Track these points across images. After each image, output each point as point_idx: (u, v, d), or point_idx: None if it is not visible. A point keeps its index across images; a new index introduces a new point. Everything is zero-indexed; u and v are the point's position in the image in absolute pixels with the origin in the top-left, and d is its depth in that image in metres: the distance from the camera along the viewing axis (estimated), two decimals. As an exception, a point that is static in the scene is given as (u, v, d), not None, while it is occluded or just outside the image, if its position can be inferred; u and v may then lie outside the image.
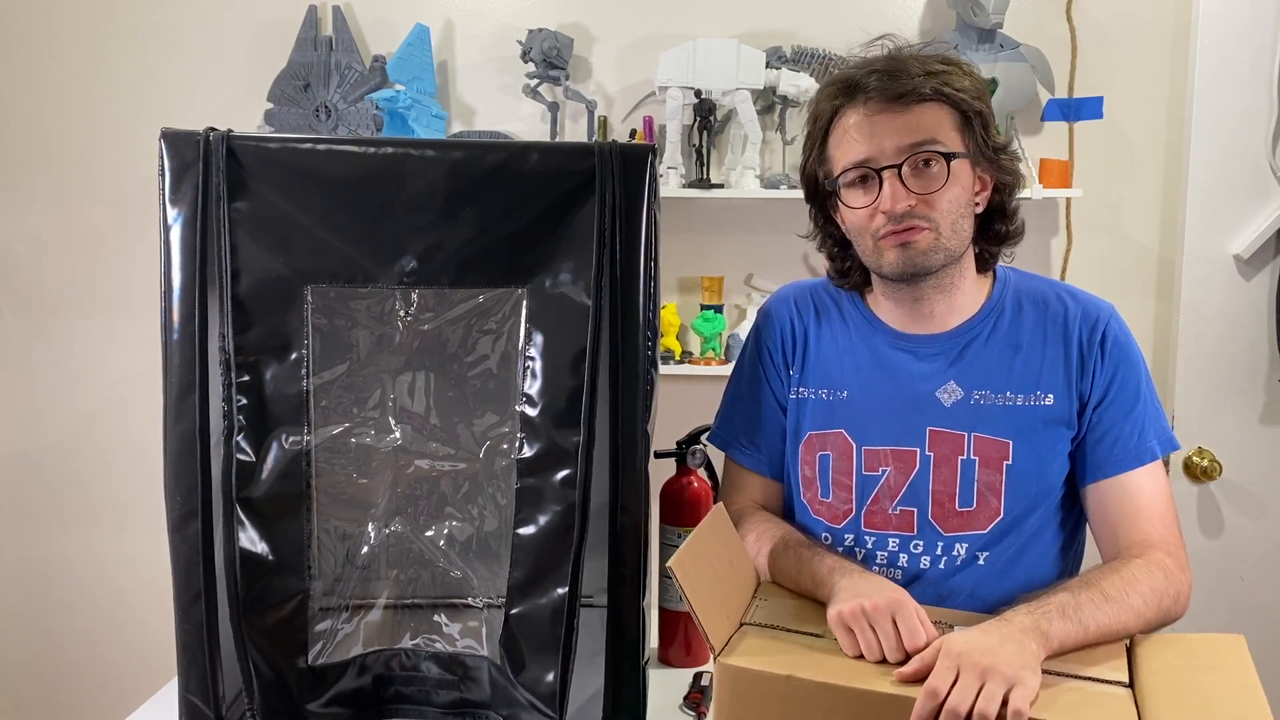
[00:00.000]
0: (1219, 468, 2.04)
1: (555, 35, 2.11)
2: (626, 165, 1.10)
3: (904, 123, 1.11)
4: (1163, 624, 1.06)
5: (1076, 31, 2.18)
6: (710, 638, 0.97)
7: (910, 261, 1.14)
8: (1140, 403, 1.17)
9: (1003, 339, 1.20)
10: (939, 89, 1.12)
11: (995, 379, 1.18)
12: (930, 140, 1.12)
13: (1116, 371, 1.17)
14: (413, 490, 1.20)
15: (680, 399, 1.54)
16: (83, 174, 2.28)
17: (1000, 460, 1.16)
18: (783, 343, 1.28)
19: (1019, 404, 1.17)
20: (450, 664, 1.17)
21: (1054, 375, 1.17)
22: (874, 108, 1.12)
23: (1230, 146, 2.02)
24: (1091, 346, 1.17)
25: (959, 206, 1.14)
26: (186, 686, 1.11)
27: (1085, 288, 2.15)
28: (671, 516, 1.40)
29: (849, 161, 1.14)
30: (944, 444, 1.18)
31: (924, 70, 1.12)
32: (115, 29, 2.25)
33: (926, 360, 1.20)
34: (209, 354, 1.08)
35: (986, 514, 1.17)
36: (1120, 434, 1.16)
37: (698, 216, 2.22)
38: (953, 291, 1.19)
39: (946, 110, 1.13)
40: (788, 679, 0.93)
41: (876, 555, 1.20)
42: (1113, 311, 1.21)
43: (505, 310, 1.14)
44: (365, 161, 1.09)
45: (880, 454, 1.20)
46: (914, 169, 1.12)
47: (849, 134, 1.14)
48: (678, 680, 1.34)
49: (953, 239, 1.14)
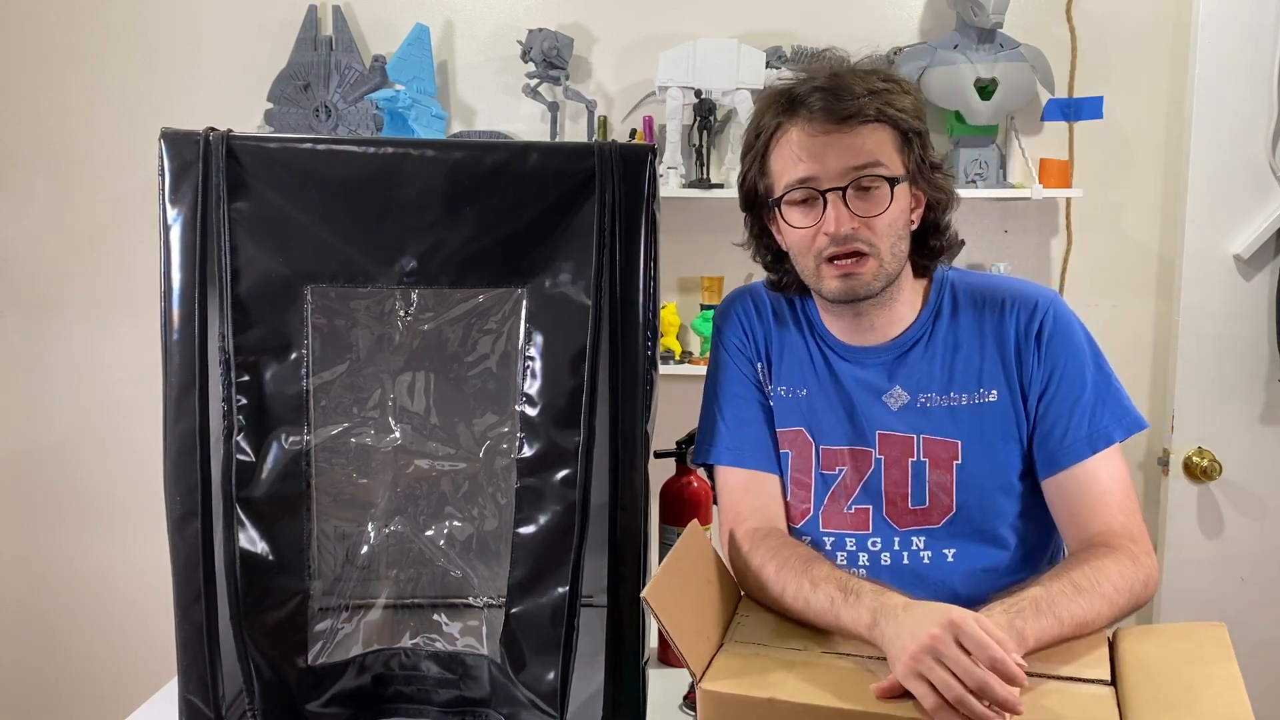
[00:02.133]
0: (1219, 468, 2.04)
1: (555, 35, 2.11)
2: (626, 165, 1.10)
3: (848, 144, 1.11)
4: (1135, 609, 1.06)
5: (1076, 31, 2.18)
6: (690, 663, 0.96)
7: (852, 291, 1.14)
8: (1087, 389, 1.16)
9: (943, 340, 1.20)
10: (882, 110, 1.12)
11: (938, 381, 1.19)
12: (874, 163, 1.12)
13: (1057, 361, 1.17)
14: (413, 490, 1.20)
15: (680, 399, 1.54)
16: (83, 174, 2.28)
17: (950, 460, 1.17)
18: (753, 339, 1.27)
19: (964, 403, 1.18)
20: (450, 663, 1.17)
21: (994, 371, 1.18)
22: (817, 127, 1.12)
23: (1230, 146, 2.02)
24: (1028, 338, 1.17)
25: (898, 228, 1.15)
26: (186, 686, 1.11)
27: (1085, 288, 2.13)
28: (671, 516, 1.40)
29: (792, 179, 1.14)
30: (893, 447, 1.18)
31: (867, 89, 1.12)
32: (115, 29, 2.25)
33: (871, 369, 1.21)
34: (209, 354, 1.08)
35: (939, 509, 1.18)
36: (1069, 424, 1.15)
37: (698, 216, 2.22)
38: (892, 305, 1.20)
39: (888, 131, 1.13)
40: (769, 702, 0.92)
41: (836, 556, 1.19)
42: (1052, 299, 1.20)
43: (505, 310, 1.14)
44: (365, 161, 1.09)
45: (838, 453, 1.21)
46: (857, 191, 1.12)
47: (792, 151, 1.14)
48: (678, 680, 1.34)
49: (892, 263, 1.15)
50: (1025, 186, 2.12)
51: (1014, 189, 2.12)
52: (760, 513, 1.21)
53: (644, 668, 1.15)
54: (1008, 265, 2.19)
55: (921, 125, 1.16)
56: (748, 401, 1.26)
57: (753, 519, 1.20)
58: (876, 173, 1.12)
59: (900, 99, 1.14)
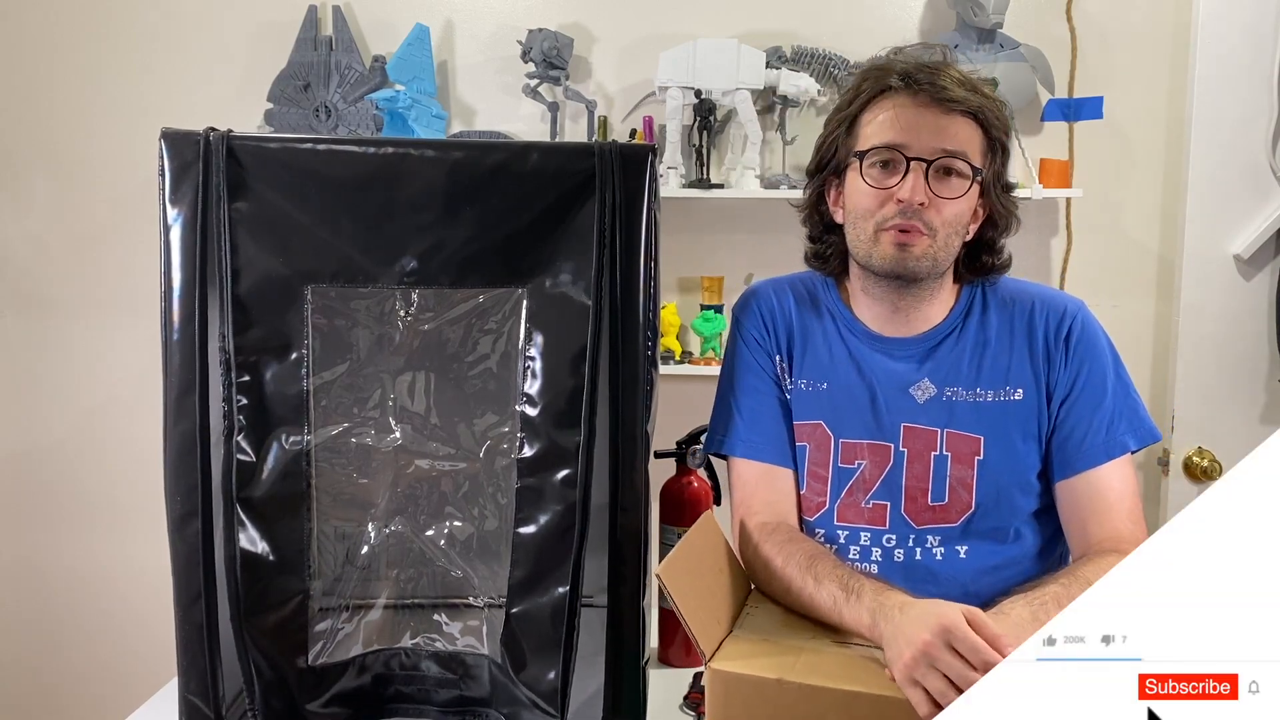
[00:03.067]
0: (1219, 468, 2.04)
1: (555, 35, 2.11)
2: (626, 165, 1.10)
3: (944, 126, 1.14)
4: None
5: (1076, 31, 2.18)
6: (700, 643, 0.97)
7: (902, 263, 1.16)
8: (1108, 396, 1.18)
9: (973, 337, 1.22)
10: (981, 108, 1.16)
11: (966, 375, 1.20)
12: (962, 152, 1.15)
13: (1082, 366, 1.19)
14: (413, 490, 1.20)
15: (680, 399, 1.54)
16: (83, 174, 2.28)
17: (972, 455, 1.18)
18: (774, 332, 1.27)
19: (989, 400, 1.19)
20: (450, 663, 1.17)
21: (1022, 370, 1.19)
22: (921, 100, 1.15)
23: (1230, 146, 2.02)
24: (1057, 341, 1.20)
25: (959, 223, 1.17)
26: (186, 686, 1.11)
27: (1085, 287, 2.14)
28: (671, 516, 1.40)
29: (881, 140, 1.16)
30: (918, 440, 1.20)
31: (972, 88, 1.16)
32: (115, 29, 2.25)
33: (901, 360, 1.22)
34: (209, 354, 1.08)
35: (958, 507, 1.18)
36: (1088, 429, 1.17)
37: (698, 216, 2.22)
38: (931, 299, 1.22)
39: (980, 131, 1.17)
40: (778, 682, 0.93)
41: (849, 550, 1.20)
42: (1080, 307, 1.23)
43: (505, 310, 1.14)
44: (365, 161, 1.09)
45: (857, 447, 1.21)
46: (938, 172, 1.14)
47: (889, 116, 1.16)
48: (678, 680, 1.34)
49: (943, 251, 1.17)
50: (1025, 186, 2.12)
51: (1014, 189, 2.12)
52: (771, 507, 1.22)
53: (644, 668, 1.15)
54: (1008, 265, 2.19)
55: (1006, 141, 1.20)
56: (764, 395, 1.26)
57: (764, 513, 1.22)
58: (962, 160, 1.15)
59: (997, 109, 1.18)
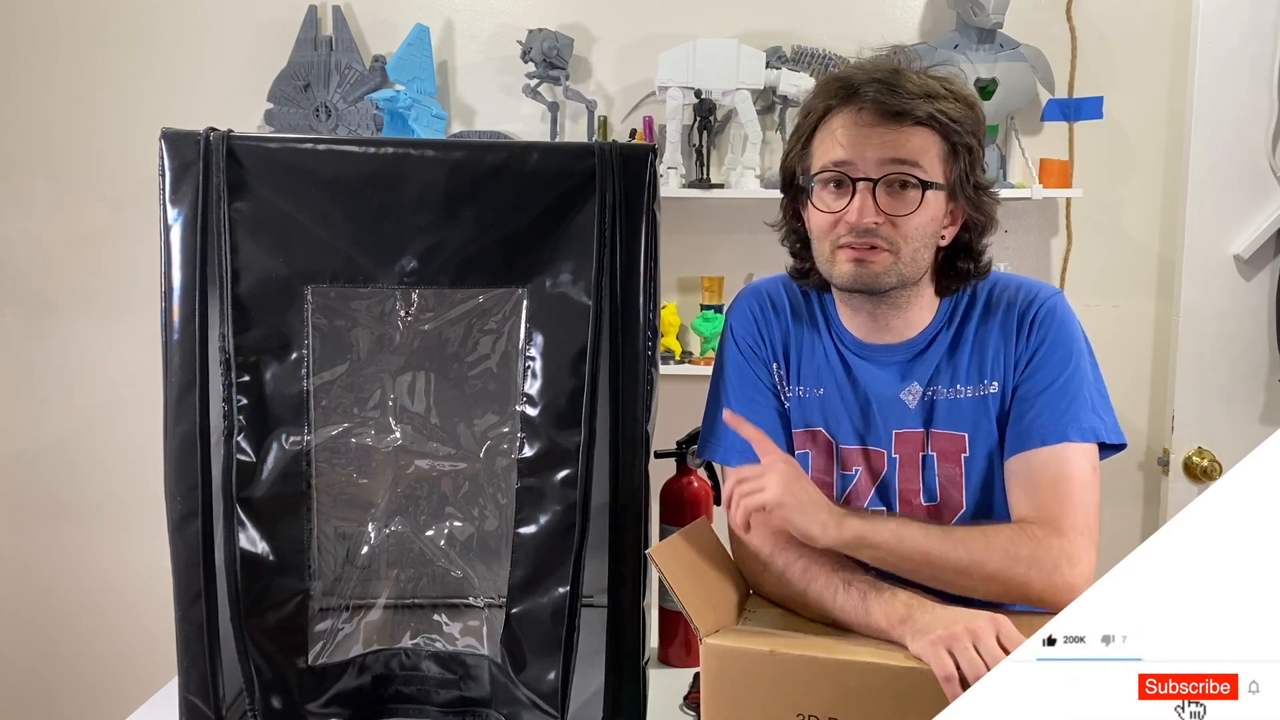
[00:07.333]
0: (1219, 468, 2.04)
1: (555, 35, 2.11)
2: (626, 165, 1.10)
3: (891, 140, 1.11)
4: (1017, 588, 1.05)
5: (1076, 31, 2.18)
6: (695, 621, 0.99)
7: (860, 279, 1.13)
8: (1067, 380, 1.15)
9: (956, 337, 1.21)
10: (934, 115, 1.11)
11: (945, 374, 1.19)
12: (912, 163, 1.11)
13: (1040, 346, 1.16)
14: (413, 490, 1.20)
15: (680, 399, 1.54)
16: (83, 174, 2.28)
17: (958, 454, 1.17)
18: (770, 341, 1.26)
19: (968, 396, 1.18)
20: (450, 663, 1.17)
21: (998, 362, 1.18)
22: (865, 117, 1.12)
23: (1230, 146, 2.02)
24: (1023, 325, 1.17)
25: (923, 235, 1.14)
26: (186, 686, 1.11)
27: (1085, 287, 2.12)
28: (671, 516, 1.40)
29: (827, 161, 1.14)
30: (907, 444, 1.19)
31: (925, 93, 1.11)
32: (115, 29, 2.25)
33: (889, 367, 1.21)
34: (209, 354, 1.08)
35: (950, 508, 1.18)
36: (1030, 410, 1.14)
37: (698, 216, 2.22)
38: (907, 309, 1.20)
39: (936, 138, 1.12)
40: (771, 654, 0.95)
41: None
42: (1055, 294, 1.20)
43: (505, 310, 1.14)
44: (365, 161, 1.09)
45: (853, 453, 1.21)
46: (888, 188, 1.11)
47: (835, 135, 1.14)
48: (678, 680, 1.34)
49: (910, 266, 1.14)
50: (1025, 186, 2.12)
51: (1014, 189, 2.12)
52: None
53: (644, 668, 1.15)
54: (1007, 265, 2.19)
55: (974, 142, 1.15)
56: (758, 402, 1.25)
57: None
58: (912, 173, 1.11)
59: (956, 110, 1.13)
